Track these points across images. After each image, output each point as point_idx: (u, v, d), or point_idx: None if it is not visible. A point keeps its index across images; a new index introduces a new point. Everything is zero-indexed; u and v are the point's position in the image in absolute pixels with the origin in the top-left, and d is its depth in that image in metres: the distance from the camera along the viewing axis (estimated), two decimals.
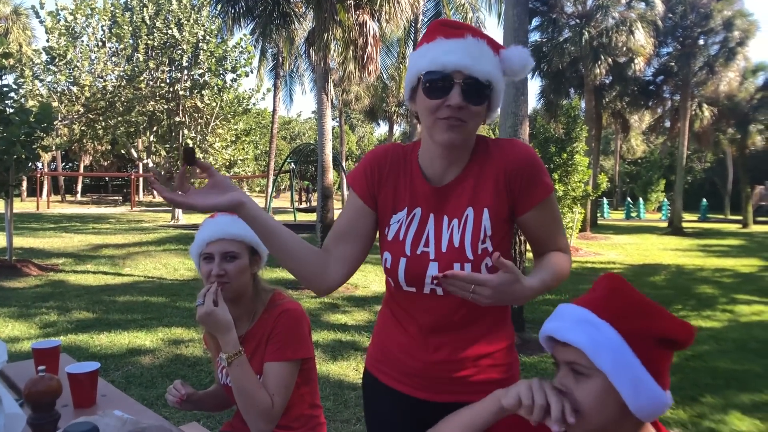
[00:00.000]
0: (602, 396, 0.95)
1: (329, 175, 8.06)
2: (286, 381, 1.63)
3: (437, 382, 1.35)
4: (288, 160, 21.95)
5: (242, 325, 1.74)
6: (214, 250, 1.66)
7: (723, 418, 3.68)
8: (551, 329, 1.02)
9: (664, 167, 31.08)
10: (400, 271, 1.28)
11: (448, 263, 1.25)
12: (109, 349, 4.97)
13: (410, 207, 1.32)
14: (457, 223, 1.27)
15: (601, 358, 0.94)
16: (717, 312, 6.85)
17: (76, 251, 11.33)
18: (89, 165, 40.33)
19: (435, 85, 1.16)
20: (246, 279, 1.70)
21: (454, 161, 1.28)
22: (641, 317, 0.97)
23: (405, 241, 1.30)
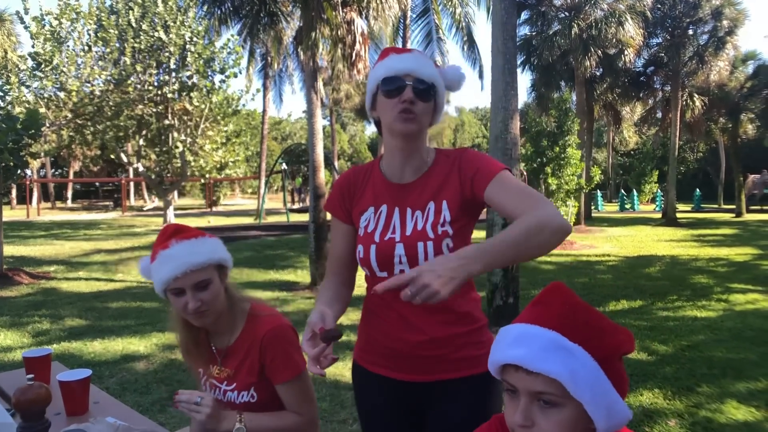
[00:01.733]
0: (572, 424, 0.90)
1: (321, 174, 8.03)
2: (306, 391, 1.67)
3: (420, 363, 1.46)
4: (279, 161, 21.93)
5: (223, 339, 1.71)
6: (183, 284, 1.56)
7: (719, 407, 3.69)
8: (518, 358, 0.90)
9: (657, 158, 31.16)
10: (372, 257, 1.44)
11: (412, 243, 1.42)
12: (102, 356, 4.93)
13: (376, 205, 1.51)
14: (421, 214, 1.45)
15: (579, 388, 0.87)
16: (712, 302, 6.87)
17: (68, 258, 11.26)
18: (79, 171, 40.06)
19: (391, 87, 1.41)
20: (222, 297, 1.65)
21: (410, 155, 1.48)
22: (607, 335, 0.92)
23: (374, 232, 1.47)
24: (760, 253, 11.04)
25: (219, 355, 1.71)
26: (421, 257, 1.39)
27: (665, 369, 4.46)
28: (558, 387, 0.88)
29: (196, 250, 1.58)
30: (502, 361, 0.93)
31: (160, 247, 1.59)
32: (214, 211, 27.23)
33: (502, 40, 5.41)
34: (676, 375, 4.31)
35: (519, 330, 0.93)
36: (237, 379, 1.66)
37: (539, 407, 0.90)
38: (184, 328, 1.68)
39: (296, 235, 14.88)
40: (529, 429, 0.90)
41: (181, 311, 1.60)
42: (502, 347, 0.94)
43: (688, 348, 5.00)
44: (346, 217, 1.56)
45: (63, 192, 38.94)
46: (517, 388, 0.92)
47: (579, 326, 0.91)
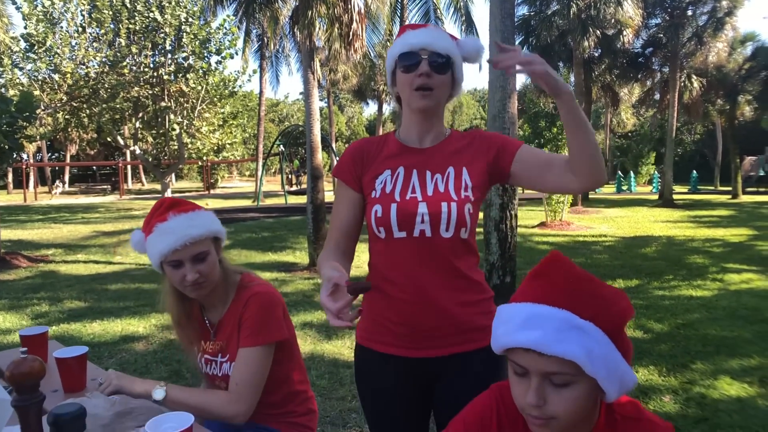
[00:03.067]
0: (585, 400, 0.91)
1: (318, 155, 8.00)
2: (258, 366, 1.61)
3: (431, 337, 1.45)
4: (277, 143, 21.82)
5: (216, 312, 1.73)
6: (182, 256, 1.57)
7: (713, 384, 3.73)
8: (533, 342, 0.88)
9: (655, 140, 31.11)
10: (393, 216, 1.42)
11: (435, 202, 1.41)
12: (102, 337, 4.95)
13: (393, 168, 1.50)
14: (441, 177, 1.46)
15: (595, 366, 0.87)
16: (707, 281, 6.91)
17: (66, 241, 11.26)
18: (75, 154, 39.83)
19: (407, 62, 1.43)
20: (217, 269, 1.66)
21: (429, 129, 1.51)
22: (612, 304, 0.92)
23: (394, 192, 1.46)
24: (755, 234, 11.07)
25: (212, 328, 1.73)
26: (444, 217, 1.39)
27: (660, 346, 4.50)
28: (572, 366, 0.87)
29: (194, 223, 1.59)
30: (512, 345, 0.91)
31: (158, 220, 1.59)
32: (211, 194, 27.19)
33: (500, 18, 5.36)
34: (671, 352, 4.36)
35: (528, 311, 0.91)
36: (229, 349, 1.67)
37: (551, 386, 0.90)
38: (177, 302, 1.68)
39: (294, 217, 14.89)
40: (542, 408, 0.90)
41: (178, 283, 1.61)
42: (511, 330, 0.92)
43: (683, 326, 5.05)
44: (355, 184, 1.53)
45: (60, 176, 38.77)
46: (527, 369, 0.91)
47: (587, 300, 0.90)
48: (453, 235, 1.41)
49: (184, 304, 1.70)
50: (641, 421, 0.96)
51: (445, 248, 1.42)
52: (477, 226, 1.51)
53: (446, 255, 1.42)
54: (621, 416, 0.97)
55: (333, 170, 1.60)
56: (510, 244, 5.29)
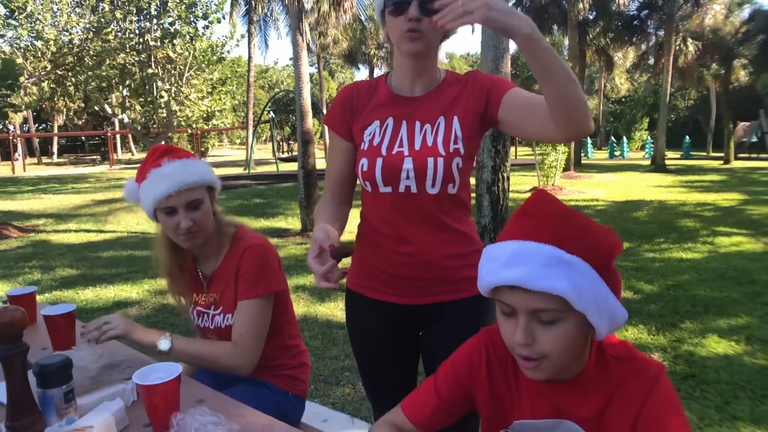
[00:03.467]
0: (574, 337, 0.90)
1: (309, 119, 7.90)
2: (260, 317, 1.62)
3: (418, 286, 1.45)
4: (267, 110, 21.55)
5: (209, 263, 1.72)
6: (176, 203, 1.55)
7: (701, 342, 3.78)
8: (518, 278, 0.86)
9: (648, 106, 30.99)
10: (377, 171, 1.39)
11: (422, 158, 1.37)
12: (95, 303, 4.95)
13: (382, 118, 1.44)
14: (430, 128, 1.41)
15: (583, 301, 0.85)
16: (698, 244, 6.96)
17: (57, 211, 11.18)
18: (63, 125, 39.27)
19: (397, 4, 1.34)
20: (211, 219, 1.64)
21: (421, 73, 1.44)
22: (600, 240, 0.90)
23: (381, 146, 1.42)
24: (746, 199, 11.13)
25: (204, 280, 1.72)
26: (430, 174, 1.36)
27: (650, 306, 4.55)
28: (559, 302, 0.86)
29: (189, 170, 1.57)
30: (498, 283, 0.90)
31: (152, 166, 1.57)
32: None
33: None
34: (660, 312, 4.41)
35: (514, 248, 0.89)
36: (223, 302, 1.67)
37: (540, 324, 0.89)
38: (170, 253, 1.67)
39: (286, 184, 14.82)
40: (531, 346, 0.89)
41: (171, 232, 1.59)
42: (497, 268, 0.90)
43: (673, 287, 5.10)
44: (346, 134, 1.50)
45: (48, 147, 38.28)
46: (514, 308, 0.90)
47: (574, 236, 0.89)
48: (439, 191, 1.38)
49: (177, 255, 1.69)
50: (632, 361, 0.96)
51: (431, 204, 1.39)
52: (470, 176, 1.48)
53: (432, 210, 1.40)
54: (612, 357, 0.97)
55: (324, 118, 1.56)
56: (502, 206, 5.27)
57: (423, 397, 1.12)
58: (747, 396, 2.99)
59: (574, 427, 0.98)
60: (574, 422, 0.98)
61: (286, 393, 1.77)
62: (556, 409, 0.99)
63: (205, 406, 1.25)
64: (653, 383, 0.92)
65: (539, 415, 1.01)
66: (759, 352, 3.57)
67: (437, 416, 1.10)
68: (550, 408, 1.00)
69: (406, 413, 1.11)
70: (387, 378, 1.59)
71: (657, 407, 0.91)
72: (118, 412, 1.22)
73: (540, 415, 1.01)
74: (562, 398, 0.99)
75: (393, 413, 1.14)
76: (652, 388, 0.92)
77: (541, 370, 0.92)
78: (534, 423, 1.02)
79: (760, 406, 2.87)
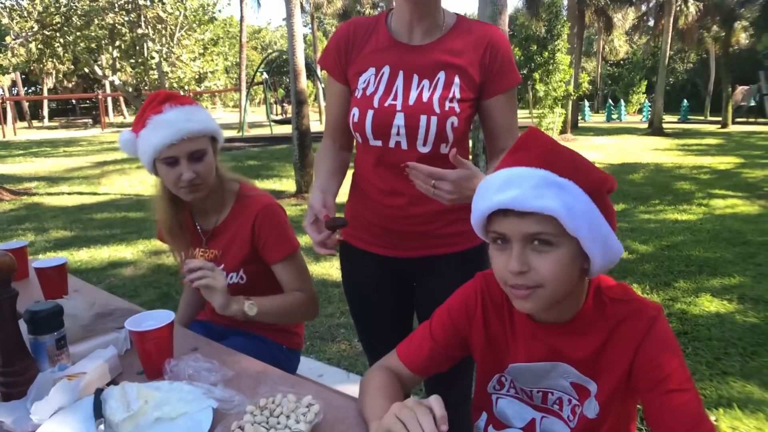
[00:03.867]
0: (569, 264, 0.88)
1: (302, 79, 7.77)
2: (302, 268, 1.64)
3: (410, 239, 1.42)
4: (260, 71, 21.19)
5: (209, 219, 1.66)
6: (178, 152, 1.45)
7: (694, 300, 3.82)
8: (510, 200, 0.85)
9: (647, 68, 30.64)
10: (368, 124, 1.32)
11: (414, 114, 1.29)
12: (89, 264, 4.94)
13: (378, 66, 1.35)
14: (428, 84, 1.31)
15: (576, 222, 0.84)
16: (693, 206, 6.97)
17: (49, 174, 11.08)
18: (53, 88, 38.61)
19: None
20: (214, 171, 1.57)
21: (423, 16, 1.32)
22: (590, 171, 0.89)
23: (373, 96, 1.33)
24: (742, 162, 11.12)
25: (204, 236, 1.66)
26: (422, 132, 1.29)
27: (644, 266, 4.58)
28: (553, 225, 0.85)
29: (192, 117, 1.48)
30: (491, 209, 0.88)
31: (152, 112, 1.46)
32: None
33: None
34: (654, 272, 4.44)
35: (506, 174, 0.88)
36: (225, 259, 1.63)
37: (534, 250, 0.87)
38: (169, 207, 1.60)
39: (280, 146, 14.69)
40: (526, 274, 0.87)
41: (172, 184, 1.50)
42: (489, 194, 0.89)
43: (668, 248, 5.12)
44: (341, 77, 1.41)
45: (39, 111, 37.74)
46: (507, 236, 0.88)
47: (565, 163, 0.88)
48: (431, 150, 1.32)
49: (177, 210, 1.61)
50: (630, 303, 0.95)
51: (423, 161, 1.31)
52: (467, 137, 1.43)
53: None
54: (609, 299, 0.96)
55: (319, 60, 1.47)
56: None
57: (418, 342, 1.11)
58: (738, 352, 3.03)
59: (569, 369, 0.98)
60: (569, 365, 0.98)
61: (281, 346, 1.77)
62: (551, 351, 0.99)
63: (199, 354, 1.25)
64: (651, 324, 0.91)
65: (534, 358, 1.00)
66: (751, 310, 3.61)
67: (433, 361, 1.10)
68: (545, 350, 0.99)
69: (402, 358, 1.11)
70: (381, 329, 1.59)
71: (654, 347, 0.90)
72: (111, 359, 1.21)
73: (535, 358, 1.00)
74: (557, 340, 0.98)
75: (388, 358, 1.13)
76: (649, 328, 0.91)
77: (535, 299, 0.89)
78: (529, 366, 1.01)
79: (750, 362, 2.92)
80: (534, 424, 1.05)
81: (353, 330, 3.28)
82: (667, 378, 0.87)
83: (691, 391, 0.87)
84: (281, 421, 0.97)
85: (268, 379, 1.16)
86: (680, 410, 0.85)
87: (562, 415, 1.02)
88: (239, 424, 0.97)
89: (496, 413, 1.10)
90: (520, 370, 1.03)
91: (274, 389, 1.07)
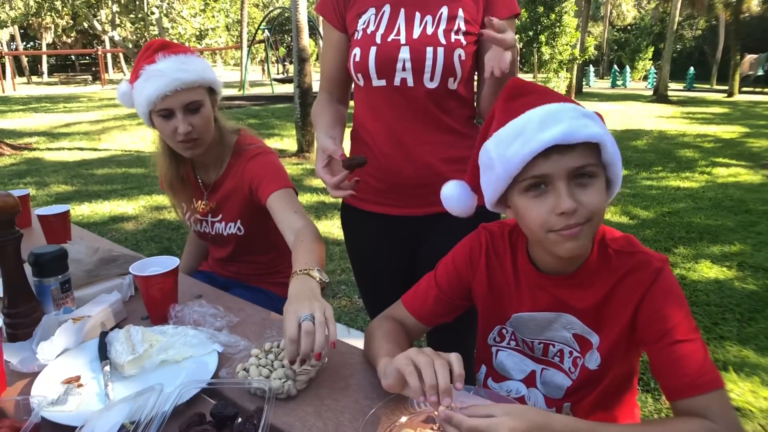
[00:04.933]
0: (605, 194, 0.89)
1: (304, 36, 7.62)
2: (296, 200, 1.48)
3: (414, 194, 1.37)
4: (261, 28, 20.78)
5: (210, 172, 1.63)
6: (172, 104, 1.39)
7: (693, 266, 3.83)
8: (561, 134, 0.82)
9: (654, 35, 30.08)
10: (371, 61, 1.27)
11: (419, 47, 1.25)
12: (91, 218, 4.95)
13: (378, 5, 1.30)
14: (431, 19, 1.27)
15: (612, 148, 0.87)
16: (696, 174, 6.95)
17: (49, 130, 11.00)
18: (52, 43, 37.98)
19: None
20: (212, 127, 1.51)
21: None
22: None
23: (375, 34, 1.28)
24: (747, 132, 11.02)
25: (205, 189, 1.64)
26: (429, 64, 1.24)
27: (645, 232, 4.58)
28: (594, 155, 0.86)
29: (187, 67, 1.40)
30: (539, 149, 0.83)
31: (146, 62, 1.40)
32: None
33: None
34: (655, 237, 4.45)
35: (542, 112, 0.85)
36: (223, 210, 1.62)
37: (578, 185, 0.85)
38: (170, 161, 1.56)
39: (281, 105, 14.55)
40: (577, 212, 0.85)
41: (169, 138, 1.46)
42: (531, 135, 0.84)
43: (669, 214, 5.12)
44: (339, 23, 1.37)
45: (38, 66, 37.21)
46: (550, 177, 0.85)
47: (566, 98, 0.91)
48: (439, 85, 1.27)
49: (178, 165, 1.58)
50: (636, 254, 0.94)
51: (430, 99, 1.28)
52: (473, 76, 1.38)
53: (431, 107, 1.29)
54: (614, 251, 0.95)
55: (316, 7, 1.41)
56: None
57: (423, 291, 1.11)
58: (735, 318, 3.06)
59: (572, 320, 0.98)
60: (573, 315, 0.98)
61: (283, 299, 1.78)
62: (556, 301, 0.99)
63: (204, 301, 1.25)
64: (656, 275, 0.91)
65: (539, 307, 1.01)
66: (750, 277, 3.63)
67: (438, 308, 1.10)
68: (550, 300, 0.99)
69: (407, 306, 1.11)
70: (385, 292, 1.54)
71: (659, 297, 0.90)
72: (115, 304, 1.22)
73: (540, 307, 1.00)
74: (562, 291, 0.98)
75: (393, 308, 1.14)
76: (654, 279, 0.91)
77: (584, 235, 0.87)
78: (533, 316, 1.02)
79: (747, 328, 2.95)
80: (534, 376, 1.06)
81: (354, 286, 3.29)
82: (673, 329, 0.87)
83: (697, 342, 0.87)
84: (286, 365, 0.98)
85: (273, 325, 1.17)
86: (686, 360, 0.85)
87: (563, 367, 1.02)
88: (244, 366, 0.98)
89: (495, 366, 1.11)
90: (524, 319, 1.03)
91: (279, 334, 1.07)
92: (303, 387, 0.96)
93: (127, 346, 1.02)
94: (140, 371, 1.01)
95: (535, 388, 1.06)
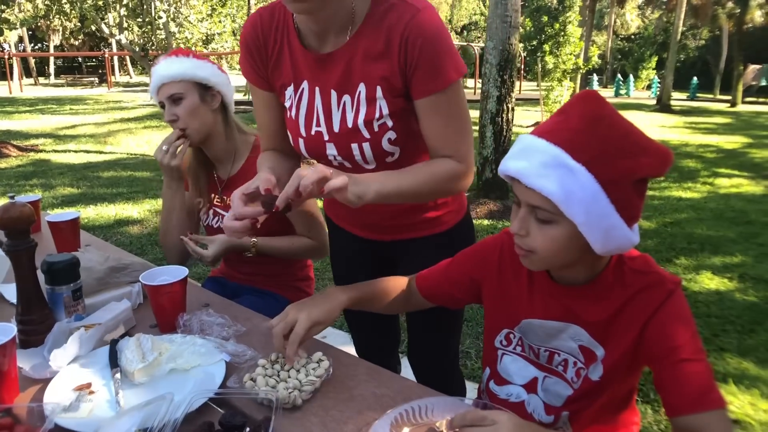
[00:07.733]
0: (566, 242, 0.89)
1: None
2: (317, 216, 1.70)
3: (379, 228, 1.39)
4: None
5: (224, 168, 1.75)
6: (161, 97, 1.64)
7: (694, 277, 3.85)
8: (516, 171, 0.88)
9: (657, 44, 30.12)
10: (303, 150, 1.25)
11: (344, 144, 1.17)
12: (96, 221, 4.99)
13: (296, 81, 1.19)
14: (350, 101, 1.14)
15: (573, 209, 0.84)
16: (698, 184, 6.96)
17: (56, 132, 11.06)
18: (59, 45, 38.18)
19: None
20: (205, 119, 1.66)
21: (329, 26, 1.11)
22: (622, 157, 0.85)
23: (298, 121, 1.22)
24: (750, 142, 11.03)
25: (220, 184, 1.76)
26: (359, 157, 1.18)
27: (647, 242, 4.60)
28: (552, 204, 0.86)
29: (172, 65, 1.63)
30: (503, 172, 0.94)
31: (155, 64, 1.69)
32: None
33: None
34: (656, 248, 4.46)
35: (526, 142, 0.91)
36: None
37: (536, 220, 0.91)
38: (192, 152, 1.75)
39: None
40: (524, 238, 0.93)
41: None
42: (507, 157, 0.94)
43: (671, 224, 5.14)
44: (265, 84, 1.25)
45: (45, 68, 37.40)
46: (519, 198, 0.93)
47: (589, 143, 0.85)
48: (377, 166, 1.19)
49: (198, 156, 1.76)
50: (650, 274, 0.96)
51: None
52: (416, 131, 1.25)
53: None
54: (630, 269, 0.97)
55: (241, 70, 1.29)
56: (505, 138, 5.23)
57: (436, 270, 1.20)
58: (735, 330, 3.07)
59: (580, 332, 1.00)
60: (581, 327, 1.00)
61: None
62: (566, 311, 1.01)
63: (211, 309, 1.28)
64: (668, 296, 0.93)
65: (550, 315, 1.03)
66: (751, 289, 3.64)
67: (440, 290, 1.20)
68: (561, 309, 1.02)
69: (418, 280, 1.21)
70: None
71: (668, 317, 0.92)
72: (125, 311, 1.25)
73: (550, 315, 1.03)
74: (574, 301, 1.00)
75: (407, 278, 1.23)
76: (665, 300, 0.92)
77: (530, 261, 0.96)
78: (542, 323, 1.04)
79: (747, 340, 2.96)
80: (536, 382, 1.08)
81: None
82: (679, 348, 0.89)
83: (702, 362, 0.89)
84: (292, 375, 1.00)
85: None
86: (690, 378, 0.87)
87: (566, 376, 1.04)
88: (251, 376, 1.00)
89: (499, 369, 1.13)
90: (533, 325, 1.06)
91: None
92: (308, 397, 0.99)
93: (137, 354, 1.05)
94: (150, 379, 1.04)
95: (536, 395, 1.08)
